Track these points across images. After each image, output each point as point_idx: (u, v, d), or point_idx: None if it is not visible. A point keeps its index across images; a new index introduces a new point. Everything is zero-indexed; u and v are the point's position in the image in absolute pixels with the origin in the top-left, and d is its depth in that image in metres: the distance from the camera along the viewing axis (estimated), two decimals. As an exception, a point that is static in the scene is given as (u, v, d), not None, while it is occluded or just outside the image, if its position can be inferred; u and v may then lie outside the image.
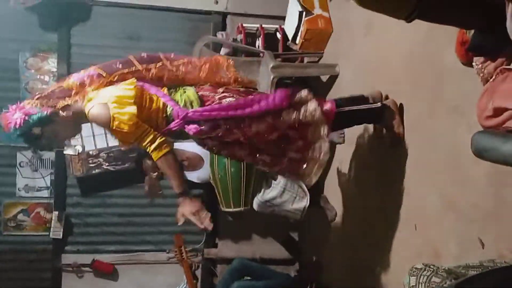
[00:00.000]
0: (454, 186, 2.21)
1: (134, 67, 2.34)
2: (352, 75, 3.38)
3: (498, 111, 1.32)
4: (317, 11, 3.79)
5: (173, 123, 2.25)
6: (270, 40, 4.11)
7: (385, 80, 2.87)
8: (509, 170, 1.45)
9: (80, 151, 3.95)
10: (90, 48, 4.27)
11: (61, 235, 4.12)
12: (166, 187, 4.22)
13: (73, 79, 2.31)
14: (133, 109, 2.15)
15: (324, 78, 3.85)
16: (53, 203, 4.16)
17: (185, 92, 2.33)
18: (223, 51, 4.12)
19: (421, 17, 1.42)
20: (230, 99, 2.34)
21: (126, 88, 2.23)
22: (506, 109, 1.30)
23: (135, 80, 2.27)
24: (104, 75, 2.29)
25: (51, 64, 4.15)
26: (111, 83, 2.30)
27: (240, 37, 4.14)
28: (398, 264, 2.67)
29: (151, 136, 2.18)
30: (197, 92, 2.35)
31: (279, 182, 3.49)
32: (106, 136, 4.01)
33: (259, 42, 4.10)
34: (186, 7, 4.30)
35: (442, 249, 2.28)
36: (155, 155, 2.22)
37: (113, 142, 4.03)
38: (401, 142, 2.66)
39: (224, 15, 4.34)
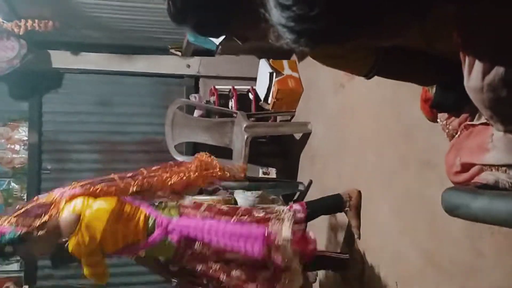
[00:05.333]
0: (432, 241, 2.18)
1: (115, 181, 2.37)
2: (324, 132, 3.42)
3: (465, 167, 1.32)
4: (287, 71, 3.89)
5: (157, 231, 2.26)
6: (243, 100, 4.17)
7: (355, 136, 2.91)
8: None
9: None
10: (62, 115, 4.26)
11: (32, 310, 3.93)
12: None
13: (55, 193, 2.29)
14: (98, 234, 2.17)
15: (297, 136, 3.88)
16: (23, 277, 3.98)
17: (168, 208, 2.37)
18: (196, 113, 4.15)
19: (380, 75, 1.45)
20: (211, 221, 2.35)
21: (105, 200, 2.25)
22: (473, 164, 1.30)
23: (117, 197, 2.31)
24: (86, 187, 2.30)
25: (22, 133, 4.12)
26: (91, 194, 2.30)
27: (213, 98, 4.19)
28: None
29: (100, 269, 2.25)
30: (178, 207, 2.39)
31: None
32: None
33: (232, 103, 4.15)
34: (159, 72, 4.36)
35: (425, 306, 2.23)
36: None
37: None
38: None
39: (196, 78, 4.41)
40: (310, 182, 3.59)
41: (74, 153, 4.28)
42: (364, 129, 2.83)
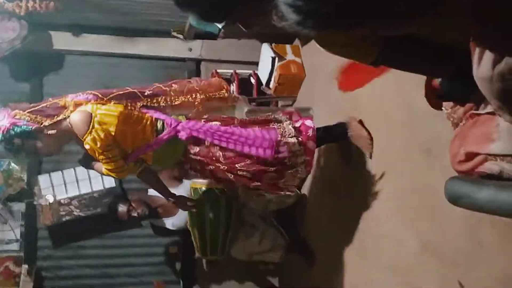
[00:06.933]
0: (433, 230, 2.19)
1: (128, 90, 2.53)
2: (326, 119, 3.39)
3: (470, 156, 1.33)
4: (290, 57, 3.86)
5: (166, 131, 2.42)
6: (245, 85, 4.14)
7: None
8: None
9: (51, 201, 3.84)
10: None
11: (31, 290, 3.94)
12: (137, 235, 4.16)
13: (69, 98, 2.40)
14: (112, 128, 2.27)
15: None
16: (23, 256, 3.99)
17: (177, 115, 2.57)
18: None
19: (386, 64, 1.44)
20: (216, 122, 2.58)
21: (114, 105, 2.38)
22: (477, 154, 1.30)
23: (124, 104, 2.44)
24: (100, 96, 2.42)
25: (23, 114, 4.08)
26: (105, 103, 2.41)
27: (214, 82, 4.16)
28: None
29: (120, 162, 2.34)
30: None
31: (258, 229, 3.45)
32: (78, 184, 3.93)
33: (233, 87, 4.12)
34: (160, 55, 4.32)
35: (424, 293, 2.25)
36: (134, 171, 2.48)
37: (86, 188, 3.95)
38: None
39: (198, 61, 4.37)
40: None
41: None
42: (368, 117, 2.82)
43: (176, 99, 2.58)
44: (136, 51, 4.25)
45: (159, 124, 2.45)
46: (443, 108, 1.60)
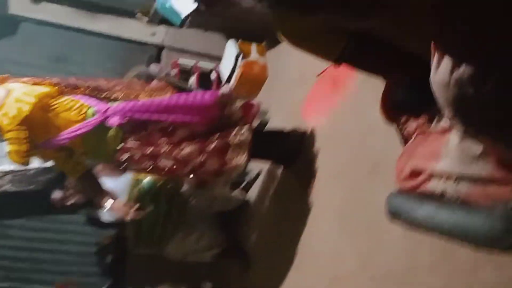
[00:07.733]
0: (370, 246, 2.14)
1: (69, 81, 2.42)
2: (281, 124, 3.34)
3: (415, 173, 1.27)
4: (254, 56, 3.78)
5: (95, 117, 2.28)
6: (205, 79, 4.04)
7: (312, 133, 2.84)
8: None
9: (-19, 173, 3.60)
10: (13, 65, 4.00)
11: None
12: (70, 222, 3.94)
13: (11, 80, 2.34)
14: (26, 107, 2.14)
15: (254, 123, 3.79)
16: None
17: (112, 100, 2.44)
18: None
19: (349, 62, 1.40)
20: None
21: (45, 86, 2.28)
22: (422, 171, 1.24)
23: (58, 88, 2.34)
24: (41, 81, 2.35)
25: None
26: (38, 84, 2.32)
27: (174, 72, 4.03)
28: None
29: (23, 147, 2.17)
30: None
31: (197, 230, 3.34)
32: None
33: (192, 80, 4.01)
34: (121, 35, 4.16)
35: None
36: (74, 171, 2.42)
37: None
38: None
39: (160, 48, 4.24)
40: (259, 173, 3.52)
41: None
42: (322, 127, 2.77)
43: (117, 98, 2.46)
44: (96, 28, 4.08)
45: (90, 111, 2.32)
46: (396, 122, 1.55)
